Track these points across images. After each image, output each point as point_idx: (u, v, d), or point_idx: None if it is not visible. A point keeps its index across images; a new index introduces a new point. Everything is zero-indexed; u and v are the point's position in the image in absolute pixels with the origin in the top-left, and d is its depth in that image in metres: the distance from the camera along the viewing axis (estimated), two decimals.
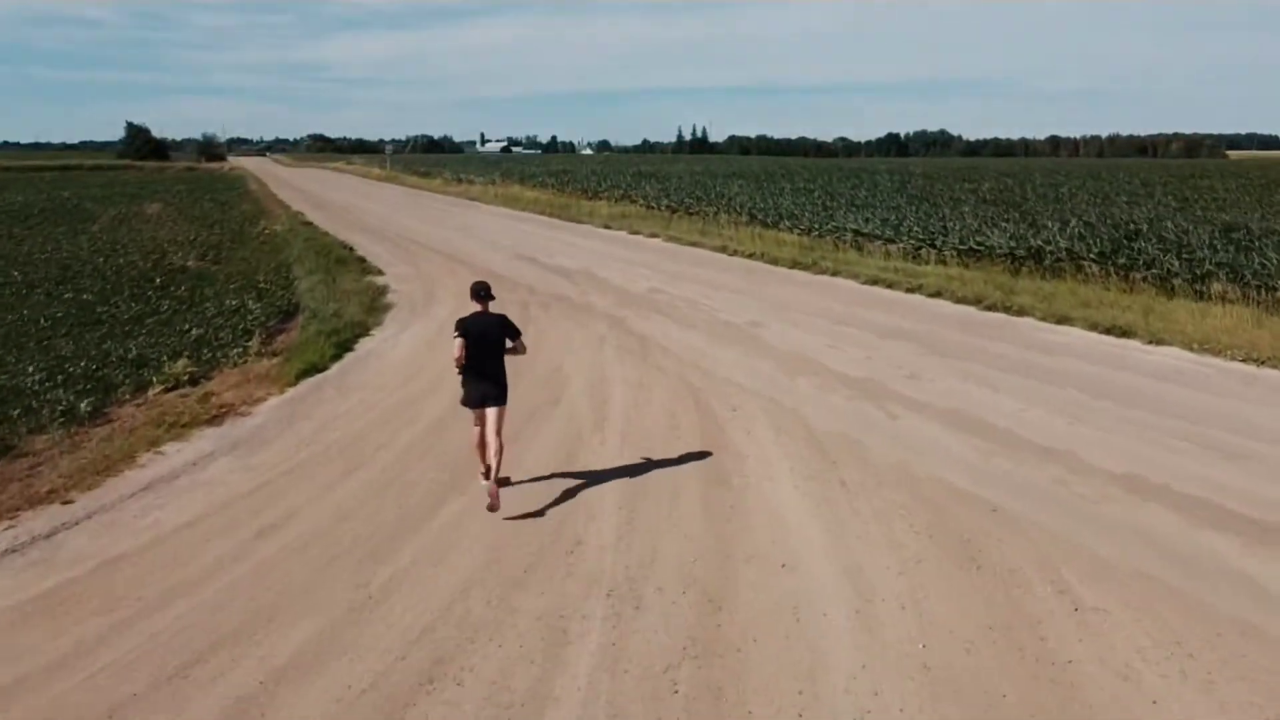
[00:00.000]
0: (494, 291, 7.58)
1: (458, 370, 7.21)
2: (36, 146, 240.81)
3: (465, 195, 46.37)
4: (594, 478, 7.64)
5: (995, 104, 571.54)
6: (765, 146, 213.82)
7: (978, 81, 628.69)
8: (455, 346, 7.12)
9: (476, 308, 7.31)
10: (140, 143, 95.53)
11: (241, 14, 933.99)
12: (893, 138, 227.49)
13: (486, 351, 7.19)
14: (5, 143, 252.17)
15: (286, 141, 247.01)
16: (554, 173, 56.94)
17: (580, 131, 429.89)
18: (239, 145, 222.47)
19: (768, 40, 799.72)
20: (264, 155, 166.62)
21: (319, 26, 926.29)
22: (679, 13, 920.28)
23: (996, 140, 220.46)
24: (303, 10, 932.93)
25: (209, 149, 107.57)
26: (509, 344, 7.33)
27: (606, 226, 29.68)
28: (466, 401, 7.31)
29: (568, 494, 7.32)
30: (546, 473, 7.77)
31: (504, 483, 7.33)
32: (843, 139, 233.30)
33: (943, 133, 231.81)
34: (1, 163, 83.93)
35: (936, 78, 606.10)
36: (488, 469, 7.25)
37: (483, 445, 7.29)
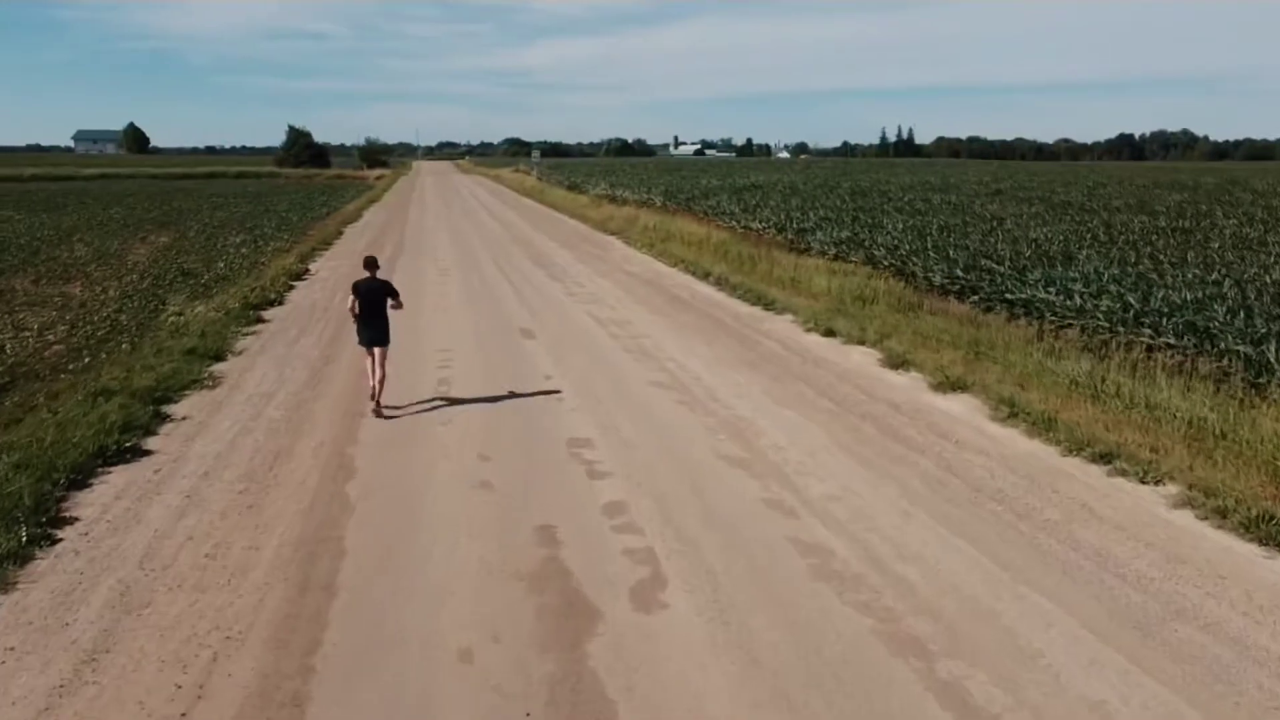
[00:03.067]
0: None
1: (352, 315, 10.13)
2: (252, 149, 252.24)
3: (605, 227, 31.52)
4: None
5: (1239, 101, 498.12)
6: (978, 149, 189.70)
7: (1219, 77, 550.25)
8: (349, 301, 10.16)
9: (366, 274, 10.14)
10: (299, 148, 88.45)
11: (448, 24, 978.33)
12: (1125, 139, 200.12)
13: (374, 306, 10.01)
14: (244, 147, 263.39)
15: (490, 145, 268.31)
16: (737, 190, 40.11)
17: (776, 133, 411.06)
18: (445, 149, 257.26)
19: (975, 38, 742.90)
20: (463, 159, 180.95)
21: (520, 35, 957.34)
22: (879, 10, 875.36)
23: (1250, 141, 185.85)
24: (501, 20, 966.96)
25: (370, 154, 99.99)
26: (391, 302, 10.11)
27: (830, 333, 14.12)
28: (361, 341, 10.06)
29: None
30: None
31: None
32: (1066, 140, 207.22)
33: (1185, 133, 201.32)
34: (179, 169, 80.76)
35: (1169, 73, 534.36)
36: (374, 391, 9.83)
37: (372, 372, 9.88)
